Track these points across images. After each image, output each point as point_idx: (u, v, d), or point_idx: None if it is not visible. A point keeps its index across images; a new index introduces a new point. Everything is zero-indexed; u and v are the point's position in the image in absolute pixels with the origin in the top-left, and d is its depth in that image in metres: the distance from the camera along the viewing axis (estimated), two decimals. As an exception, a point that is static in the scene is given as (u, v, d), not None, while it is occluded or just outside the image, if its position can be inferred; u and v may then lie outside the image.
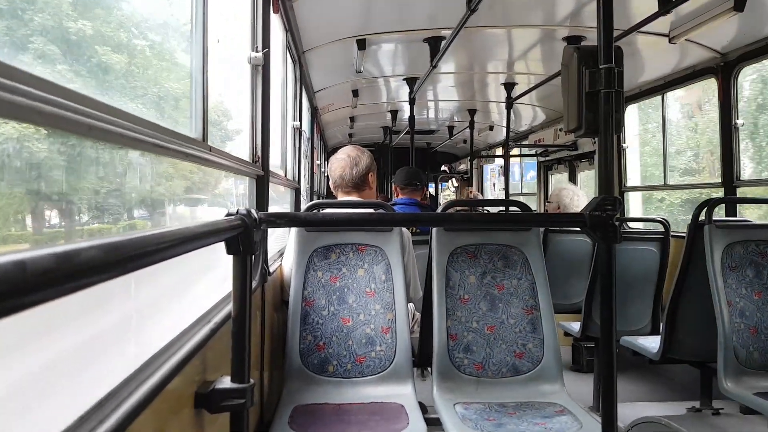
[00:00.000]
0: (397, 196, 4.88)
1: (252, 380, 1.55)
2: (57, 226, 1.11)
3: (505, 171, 6.99)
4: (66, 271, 0.55)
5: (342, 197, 3.25)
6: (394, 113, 8.21)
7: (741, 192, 4.43)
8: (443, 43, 4.28)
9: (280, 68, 4.06)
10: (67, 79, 1.12)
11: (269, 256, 2.83)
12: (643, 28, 3.75)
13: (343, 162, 3.25)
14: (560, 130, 7.70)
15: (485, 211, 8.02)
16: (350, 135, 10.46)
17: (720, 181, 4.51)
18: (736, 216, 4.36)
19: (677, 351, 3.49)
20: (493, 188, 12.53)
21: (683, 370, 4.10)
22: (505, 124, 6.64)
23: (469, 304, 2.81)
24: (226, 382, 1.51)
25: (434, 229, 2.90)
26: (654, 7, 3.40)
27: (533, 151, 9.02)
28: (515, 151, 9.69)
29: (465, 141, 10.00)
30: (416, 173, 4.95)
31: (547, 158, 8.62)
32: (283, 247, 3.32)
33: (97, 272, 0.63)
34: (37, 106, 0.78)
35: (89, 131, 0.98)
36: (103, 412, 0.96)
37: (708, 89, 5.80)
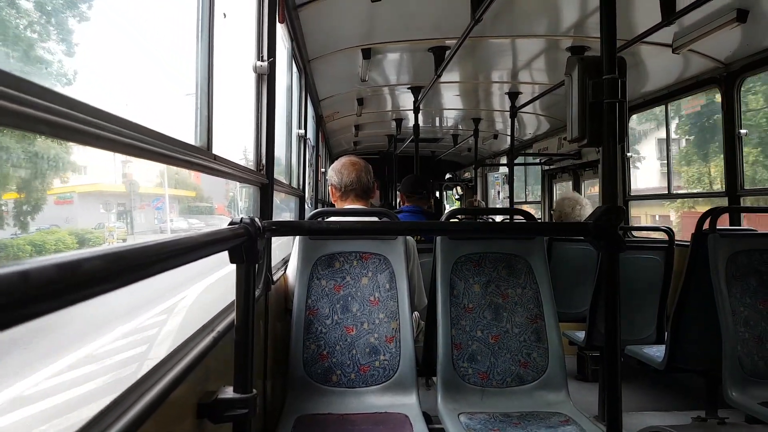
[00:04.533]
0: (403, 204, 4.91)
1: (255, 390, 1.54)
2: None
3: (510, 179, 7.00)
4: (69, 281, 0.55)
5: (350, 203, 3.23)
6: (399, 122, 8.23)
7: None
8: (448, 52, 4.30)
9: (286, 76, 4.07)
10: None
11: (273, 264, 2.83)
12: (647, 39, 3.76)
13: (357, 166, 3.23)
14: (564, 139, 7.70)
15: (490, 220, 8.02)
16: (355, 143, 10.47)
17: (724, 190, 4.50)
18: (740, 225, 4.34)
19: (682, 360, 3.47)
20: (497, 196, 12.53)
21: (688, 379, 4.08)
22: (509, 132, 6.64)
23: (474, 313, 2.81)
24: (228, 392, 1.51)
25: (438, 238, 2.90)
26: (657, 18, 3.40)
27: (537, 160, 9.02)
28: (519, 159, 9.70)
29: (469, 149, 10.01)
30: (422, 182, 4.97)
31: (551, 167, 8.62)
32: (287, 254, 3.31)
33: (100, 283, 0.63)
34: (43, 116, 0.78)
35: (96, 141, 0.99)
36: (105, 422, 0.96)
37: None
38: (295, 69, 4.33)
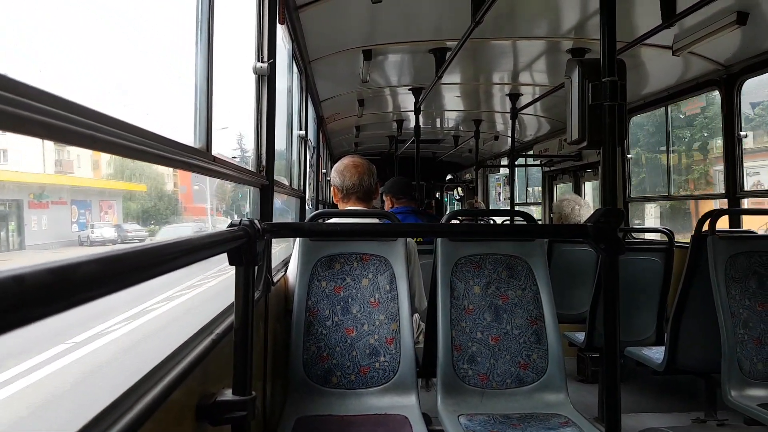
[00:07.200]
0: (391, 206, 4.91)
1: (254, 393, 1.54)
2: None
3: (510, 181, 7.00)
4: (64, 285, 0.55)
5: (352, 205, 3.22)
6: (400, 123, 8.22)
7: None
8: (448, 54, 4.30)
9: (286, 78, 4.07)
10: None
11: (273, 265, 2.82)
12: (647, 41, 3.75)
13: (360, 168, 3.20)
14: (565, 140, 7.69)
15: (490, 222, 8.02)
16: (356, 144, 10.46)
17: (723, 192, 4.50)
18: (739, 227, 4.34)
19: (681, 361, 3.47)
20: (498, 198, 12.53)
21: (688, 380, 4.08)
22: (510, 134, 6.64)
23: (474, 315, 2.81)
24: (227, 395, 1.51)
25: (439, 239, 2.90)
26: (657, 20, 3.40)
27: (538, 161, 9.01)
28: (520, 161, 9.69)
29: (470, 150, 10.00)
30: (408, 183, 5.07)
31: (552, 168, 8.62)
32: (288, 256, 3.31)
33: (96, 286, 0.63)
34: (40, 119, 0.78)
35: (93, 143, 0.99)
36: (104, 424, 0.96)
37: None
38: (295, 70, 4.32)
